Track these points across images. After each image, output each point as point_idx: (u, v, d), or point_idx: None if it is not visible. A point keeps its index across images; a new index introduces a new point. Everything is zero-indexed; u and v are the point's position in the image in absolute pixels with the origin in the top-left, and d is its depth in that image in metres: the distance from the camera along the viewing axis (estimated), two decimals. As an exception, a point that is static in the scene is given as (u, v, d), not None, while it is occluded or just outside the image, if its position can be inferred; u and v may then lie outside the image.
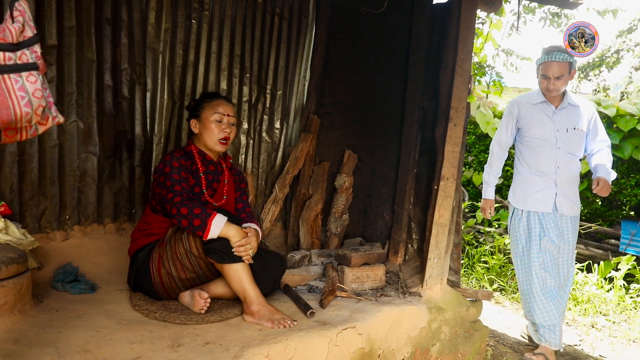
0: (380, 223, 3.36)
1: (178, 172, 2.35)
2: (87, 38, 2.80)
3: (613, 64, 8.62)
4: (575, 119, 3.03)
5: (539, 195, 3.08)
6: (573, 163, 3.06)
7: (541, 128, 3.05)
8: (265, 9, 3.52)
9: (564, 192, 3.05)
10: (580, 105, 3.06)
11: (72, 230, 2.89)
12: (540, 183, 3.08)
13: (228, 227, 2.20)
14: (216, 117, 2.47)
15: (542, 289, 3.04)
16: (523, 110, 3.13)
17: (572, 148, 3.04)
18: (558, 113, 3.04)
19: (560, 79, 2.93)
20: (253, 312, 2.22)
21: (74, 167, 2.85)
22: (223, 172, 2.61)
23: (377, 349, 2.35)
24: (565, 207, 3.06)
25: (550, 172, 3.05)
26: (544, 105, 3.06)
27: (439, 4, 3.07)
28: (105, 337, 1.95)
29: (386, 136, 3.35)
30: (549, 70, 2.94)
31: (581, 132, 3.03)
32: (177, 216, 2.21)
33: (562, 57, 2.90)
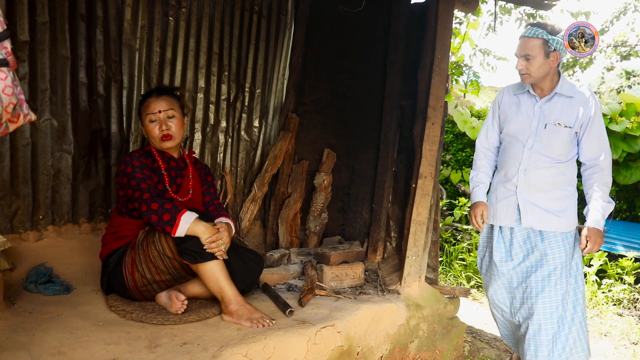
0: (359, 221, 3.38)
1: (141, 170, 2.32)
2: (60, 34, 2.74)
3: (586, 65, 8.81)
4: (562, 113, 2.42)
5: (500, 206, 2.58)
6: (548, 168, 2.45)
7: (518, 122, 2.52)
8: (244, 6, 3.50)
9: (531, 201, 2.49)
10: (576, 97, 2.41)
11: (46, 231, 2.83)
12: (503, 191, 2.58)
13: (197, 224, 2.17)
14: (150, 117, 2.42)
15: (503, 317, 2.71)
16: (505, 100, 2.63)
17: (547, 148, 2.44)
18: (542, 105, 2.46)
19: (530, 60, 2.38)
20: (231, 312, 2.21)
21: (47, 165, 2.79)
22: (187, 167, 2.56)
23: (356, 347, 2.36)
24: (532, 219, 2.49)
25: (513, 177, 2.51)
26: (527, 95, 2.52)
27: (416, 4, 3.10)
28: (80, 339, 1.92)
29: (365, 135, 3.36)
30: (518, 48, 2.44)
31: (565, 129, 2.40)
32: (147, 212, 2.18)
33: (533, 32, 2.36)
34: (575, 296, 2.50)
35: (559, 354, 2.47)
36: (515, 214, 2.53)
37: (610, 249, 4.89)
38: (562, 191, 2.48)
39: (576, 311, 2.49)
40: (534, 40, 2.36)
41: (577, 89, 2.44)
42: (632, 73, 8.48)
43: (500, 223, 2.58)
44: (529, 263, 2.52)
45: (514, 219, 2.54)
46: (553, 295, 2.46)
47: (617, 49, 8.50)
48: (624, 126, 5.01)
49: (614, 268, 4.54)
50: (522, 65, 2.40)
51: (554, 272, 2.45)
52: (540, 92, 2.48)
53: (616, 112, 5.12)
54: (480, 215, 2.63)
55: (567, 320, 2.48)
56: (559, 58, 2.38)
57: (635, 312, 4.18)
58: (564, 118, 2.41)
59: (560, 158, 2.45)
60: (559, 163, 2.45)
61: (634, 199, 5.57)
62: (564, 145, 2.43)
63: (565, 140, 2.42)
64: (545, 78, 2.43)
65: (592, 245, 2.36)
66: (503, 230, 2.59)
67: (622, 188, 5.50)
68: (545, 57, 2.37)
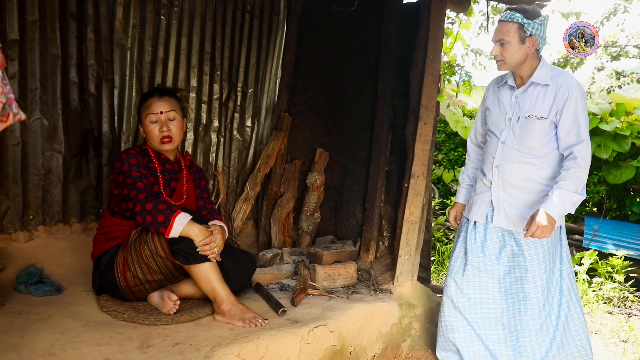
0: (351, 221, 3.38)
1: (137, 169, 2.30)
2: (51, 33, 2.72)
3: (577, 65, 8.88)
4: (535, 104, 2.27)
5: (476, 200, 2.48)
6: (523, 163, 2.30)
7: (495, 115, 2.40)
8: (236, 6, 3.49)
9: (505, 199, 2.35)
10: (552, 84, 2.23)
11: (37, 231, 2.81)
12: (480, 186, 2.47)
13: (190, 227, 2.16)
14: (151, 118, 2.38)
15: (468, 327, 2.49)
16: (489, 93, 2.50)
17: (520, 142, 2.29)
18: (518, 96, 2.32)
19: (504, 46, 2.23)
20: (224, 312, 2.20)
21: (38, 165, 2.77)
22: (181, 170, 2.54)
23: (348, 346, 2.36)
24: (501, 219, 2.37)
25: (488, 173, 2.40)
26: (507, 86, 2.39)
27: (409, 4, 3.11)
28: (71, 340, 1.91)
29: (357, 134, 3.37)
30: (493, 33, 2.28)
31: (538, 121, 2.24)
32: (141, 212, 2.16)
33: (509, 16, 2.21)
34: (569, 295, 2.39)
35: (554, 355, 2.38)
36: (488, 210, 2.41)
37: (601, 247, 4.93)
38: (541, 187, 2.30)
39: (570, 310, 2.39)
40: (509, 24, 2.21)
41: (556, 76, 2.25)
42: (622, 73, 8.56)
43: (474, 218, 2.47)
44: (505, 261, 2.41)
45: (485, 216, 2.42)
46: (534, 298, 2.35)
47: (608, 50, 8.58)
48: (614, 126, 5.05)
49: (604, 267, 4.58)
50: (497, 51, 2.26)
51: (531, 272, 2.34)
52: (520, 81, 2.33)
53: (606, 112, 5.16)
54: (454, 217, 2.63)
55: (552, 324, 2.38)
56: (535, 44, 2.22)
57: (625, 310, 4.22)
58: (537, 109, 2.25)
59: (536, 152, 2.28)
60: (534, 158, 2.28)
61: (623, 198, 5.62)
62: (538, 138, 2.25)
63: (539, 133, 2.24)
64: (523, 65, 2.27)
65: (535, 229, 2.13)
66: (477, 226, 2.46)
67: (612, 187, 5.55)
68: (520, 42, 2.21)
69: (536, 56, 2.28)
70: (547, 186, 2.29)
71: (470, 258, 2.45)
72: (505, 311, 2.44)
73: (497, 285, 2.44)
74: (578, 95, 2.20)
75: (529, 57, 2.26)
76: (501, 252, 2.41)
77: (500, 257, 2.41)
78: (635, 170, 5.09)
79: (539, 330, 2.37)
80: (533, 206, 2.29)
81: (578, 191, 2.17)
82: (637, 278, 4.64)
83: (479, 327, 2.47)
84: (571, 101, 2.19)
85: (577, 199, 2.18)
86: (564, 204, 2.16)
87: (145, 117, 2.39)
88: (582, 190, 2.19)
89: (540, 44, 2.24)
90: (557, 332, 2.38)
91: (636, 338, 3.58)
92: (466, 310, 2.47)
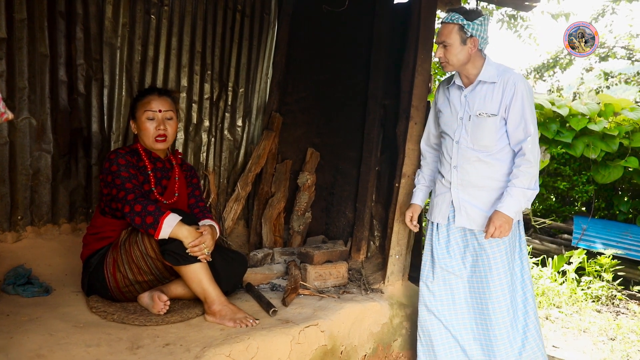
0: (342, 220, 3.39)
1: (126, 169, 2.27)
2: (39, 32, 2.70)
3: (566, 65, 8.96)
4: (484, 102, 2.28)
5: (436, 202, 2.49)
6: (479, 162, 2.31)
7: (447, 116, 2.41)
8: (227, 5, 3.48)
9: (466, 199, 2.36)
10: (498, 81, 2.25)
11: (25, 231, 2.78)
12: (440, 186, 2.47)
13: (179, 228, 2.15)
14: (148, 114, 2.36)
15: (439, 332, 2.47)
16: (439, 96, 2.51)
17: (474, 141, 2.31)
18: (467, 95, 2.33)
19: (447, 47, 2.24)
20: (214, 312, 2.20)
21: (26, 165, 2.74)
22: (173, 168, 2.52)
23: (339, 346, 2.36)
24: (463, 219, 2.37)
25: (446, 174, 2.41)
26: (455, 86, 2.40)
27: (400, 4, 3.12)
28: (59, 341, 1.89)
29: (348, 134, 3.37)
30: (437, 36, 2.30)
31: (489, 118, 2.26)
32: (130, 214, 2.15)
33: (450, 18, 2.23)
34: (525, 295, 2.40)
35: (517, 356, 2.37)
36: (449, 211, 2.41)
37: (589, 246, 4.98)
38: (500, 184, 2.31)
39: (527, 312, 2.40)
40: (450, 25, 2.23)
41: (501, 73, 2.27)
42: (611, 74, 8.66)
43: (436, 220, 2.47)
44: (470, 261, 2.41)
45: (447, 217, 2.42)
46: (501, 296, 2.34)
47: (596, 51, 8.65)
48: (602, 126, 5.11)
49: (593, 265, 4.62)
50: (440, 53, 2.27)
51: (495, 269, 2.34)
52: (467, 80, 2.34)
53: (595, 112, 5.22)
54: (410, 217, 2.58)
55: (520, 320, 2.39)
56: (476, 44, 2.24)
57: (613, 308, 4.27)
58: (487, 106, 2.27)
59: (490, 149, 2.30)
60: (489, 155, 2.30)
61: (612, 197, 5.69)
62: (490, 135, 2.28)
63: (491, 130, 2.27)
64: (467, 65, 2.28)
65: (493, 230, 2.20)
66: (440, 227, 2.47)
67: (600, 187, 5.61)
68: (461, 43, 2.23)
69: (480, 55, 2.30)
70: (504, 183, 2.30)
71: (437, 261, 2.46)
72: (477, 311, 2.43)
73: (467, 286, 2.44)
74: (524, 90, 2.22)
75: (472, 57, 2.28)
76: (465, 252, 2.42)
77: (465, 257, 2.42)
78: (623, 170, 5.15)
79: (510, 329, 2.37)
80: (494, 204, 2.31)
81: (531, 187, 2.21)
82: (625, 276, 4.70)
83: (454, 329, 2.45)
84: (517, 97, 2.22)
85: (530, 194, 2.22)
86: (518, 201, 2.20)
87: (142, 114, 2.37)
88: (534, 185, 2.23)
89: (482, 44, 2.26)
90: (527, 328, 2.39)
91: (624, 336, 3.62)
92: (440, 313, 2.46)
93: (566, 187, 5.66)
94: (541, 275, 4.64)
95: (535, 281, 4.55)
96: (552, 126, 5.23)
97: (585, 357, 3.29)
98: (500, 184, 2.31)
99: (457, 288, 2.45)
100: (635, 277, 4.68)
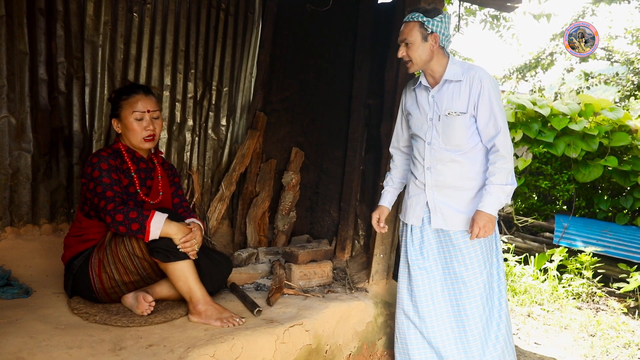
0: (327, 220, 3.39)
1: (108, 174, 2.22)
2: (18, 29, 2.65)
3: (548, 66, 9.09)
4: (452, 101, 2.27)
5: (410, 203, 2.45)
6: (452, 161, 2.30)
7: (416, 118, 2.38)
8: (211, 4, 3.46)
9: (441, 200, 2.33)
10: (464, 79, 2.25)
11: (4, 232, 2.73)
12: (413, 188, 2.44)
13: (168, 226, 2.14)
14: (136, 115, 2.31)
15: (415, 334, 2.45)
16: (406, 97, 2.48)
17: (445, 141, 2.29)
18: (435, 95, 2.31)
19: (409, 46, 2.23)
20: (200, 312, 2.18)
21: (5, 165, 2.70)
22: (155, 168, 2.49)
23: (324, 345, 2.37)
24: (439, 220, 2.34)
25: (420, 175, 2.38)
26: (422, 87, 2.37)
27: (383, 4, 3.13)
28: (40, 344, 1.86)
29: (333, 133, 3.38)
30: (399, 35, 2.29)
31: (458, 117, 2.25)
32: (112, 224, 2.12)
33: (410, 17, 2.24)
34: (500, 293, 2.41)
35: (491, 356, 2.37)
36: (424, 213, 2.38)
37: (570, 244, 5.06)
38: (474, 183, 2.30)
39: (502, 308, 2.40)
40: (410, 24, 2.23)
41: (466, 70, 2.26)
42: (591, 75, 8.80)
43: (410, 222, 2.44)
44: (444, 262, 2.40)
45: (422, 218, 2.39)
46: (477, 295, 2.34)
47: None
48: (582, 126, 5.19)
49: (574, 263, 4.69)
50: (403, 52, 2.26)
51: (472, 269, 2.33)
52: (433, 80, 2.33)
53: (575, 112, 5.29)
54: (377, 219, 2.53)
55: (495, 318, 2.38)
56: (437, 40, 2.23)
57: (593, 305, 4.34)
58: (455, 105, 2.26)
59: (462, 148, 2.28)
60: (461, 154, 2.28)
61: (592, 196, 5.78)
62: (461, 134, 2.26)
63: (462, 128, 2.25)
64: (430, 63, 2.27)
65: (478, 230, 2.20)
66: (414, 229, 2.44)
67: (581, 186, 5.70)
68: (422, 40, 2.22)
69: (443, 53, 2.30)
70: (480, 181, 2.30)
71: (412, 263, 2.44)
72: (454, 310, 2.41)
73: (441, 287, 2.42)
74: (490, 86, 2.22)
75: (434, 55, 2.27)
76: (439, 253, 2.40)
77: (439, 257, 2.41)
78: (602, 169, 5.24)
79: (485, 326, 2.37)
80: (469, 203, 2.31)
81: (508, 182, 2.22)
82: (604, 274, 4.78)
83: (432, 333, 2.42)
84: (484, 93, 2.21)
85: (509, 190, 2.22)
86: (498, 198, 2.20)
87: (130, 114, 2.31)
88: (512, 180, 2.23)
89: (443, 40, 2.26)
90: (501, 324, 2.39)
91: (603, 332, 3.69)
92: (418, 317, 2.44)
93: (548, 186, 5.73)
94: (523, 273, 4.70)
95: (517, 279, 4.61)
96: (534, 126, 5.29)
97: (567, 354, 3.34)
98: (475, 182, 2.31)
99: (435, 288, 2.42)
100: (615, 274, 4.77)
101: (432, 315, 2.41)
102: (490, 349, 2.37)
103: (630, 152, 5.29)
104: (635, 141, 5.23)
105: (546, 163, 5.74)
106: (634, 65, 8.34)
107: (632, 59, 8.38)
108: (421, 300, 2.42)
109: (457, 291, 2.38)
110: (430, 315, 2.41)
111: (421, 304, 2.42)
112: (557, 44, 8.88)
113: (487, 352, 2.37)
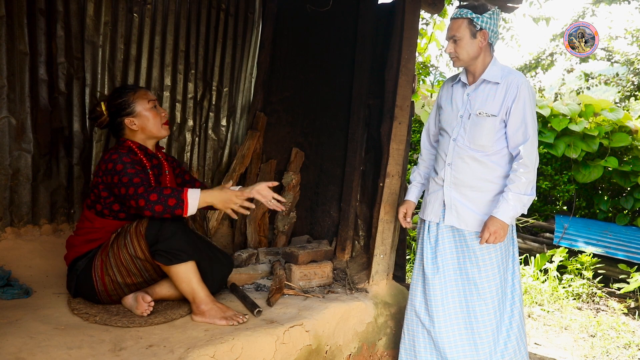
0: (327, 220, 3.39)
1: (132, 166, 2.22)
2: (18, 29, 2.65)
3: (548, 66, 9.09)
4: (486, 101, 2.26)
5: (429, 199, 2.47)
6: (474, 161, 2.29)
7: (448, 113, 2.40)
8: (211, 4, 3.46)
9: (457, 198, 2.33)
10: (502, 83, 2.24)
11: (4, 232, 2.73)
12: (433, 184, 2.45)
13: (206, 194, 2.15)
14: (151, 105, 2.37)
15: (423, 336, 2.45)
16: (443, 92, 2.49)
17: (471, 140, 2.28)
18: (470, 93, 2.32)
19: (457, 42, 2.25)
20: (203, 312, 2.18)
21: (5, 165, 2.70)
22: (162, 163, 2.50)
23: (324, 346, 2.37)
24: (453, 217, 2.34)
25: (440, 171, 2.39)
26: (460, 84, 2.39)
27: (384, 4, 3.13)
28: (40, 344, 1.86)
29: (333, 134, 3.37)
30: (447, 31, 2.30)
31: (488, 118, 2.24)
32: (147, 205, 2.09)
33: (458, 13, 2.23)
34: (513, 299, 2.39)
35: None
36: (441, 209, 2.39)
37: (571, 245, 5.06)
38: (493, 187, 2.29)
39: (513, 314, 2.38)
40: (459, 20, 2.23)
41: (506, 74, 2.26)
42: (591, 75, 8.80)
43: (428, 218, 2.45)
44: (458, 262, 2.39)
45: (439, 215, 2.39)
46: (489, 299, 2.33)
47: (578, 52, 8.77)
48: (582, 126, 5.19)
49: (574, 264, 4.69)
50: (451, 48, 2.27)
51: (485, 272, 2.32)
52: (472, 78, 2.33)
53: (575, 113, 5.30)
54: (404, 214, 2.56)
55: (506, 323, 2.37)
56: (487, 37, 2.23)
57: (593, 305, 4.34)
58: (487, 106, 2.25)
59: (487, 150, 2.27)
60: (485, 155, 2.27)
61: (592, 196, 5.78)
62: (488, 135, 2.25)
63: (490, 130, 2.24)
64: (476, 61, 2.28)
65: (488, 235, 2.19)
66: (431, 226, 2.45)
67: (581, 186, 5.70)
68: (471, 37, 2.22)
69: (489, 52, 2.30)
70: (499, 185, 2.28)
71: (426, 261, 2.43)
72: (464, 311, 2.40)
73: (454, 287, 2.41)
74: (527, 94, 2.21)
75: (482, 52, 2.27)
76: (452, 254, 2.40)
77: (453, 257, 2.40)
78: (602, 169, 5.24)
79: (495, 331, 2.36)
80: (485, 205, 2.29)
81: (527, 193, 2.19)
82: (604, 274, 4.78)
83: (440, 334, 2.40)
84: (520, 100, 2.20)
85: (527, 200, 2.20)
86: (515, 206, 2.18)
87: (146, 103, 2.35)
88: (531, 191, 2.21)
89: (492, 37, 2.26)
90: (512, 331, 2.36)
91: (604, 332, 3.69)
92: (426, 317, 2.44)
93: (548, 186, 5.73)
94: (524, 273, 4.70)
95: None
96: (534, 126, 5.29)
97: (567, 354, 3.34)
98: (494, 186, 2.29)
99: (448, 289, 2.41)
100: (615, 274, 4.77)
101: (442, 317, 2.40)
102: (498, 356, 2.35)
103: (631, 153, 5.29)
104: (636, 142, 5.23)
105: (546, 164, 5.75)
106: (634, 66, 8.35)
107: (632, 59, 8.39)
108: (432, 302, 2.41)
109: (468, 293, 2.37)
110: (439, 317, 2.40)
111: (432, 305, 2.41)
112: (557, 45, 8.88)
113: (494, 359, 2.35)
